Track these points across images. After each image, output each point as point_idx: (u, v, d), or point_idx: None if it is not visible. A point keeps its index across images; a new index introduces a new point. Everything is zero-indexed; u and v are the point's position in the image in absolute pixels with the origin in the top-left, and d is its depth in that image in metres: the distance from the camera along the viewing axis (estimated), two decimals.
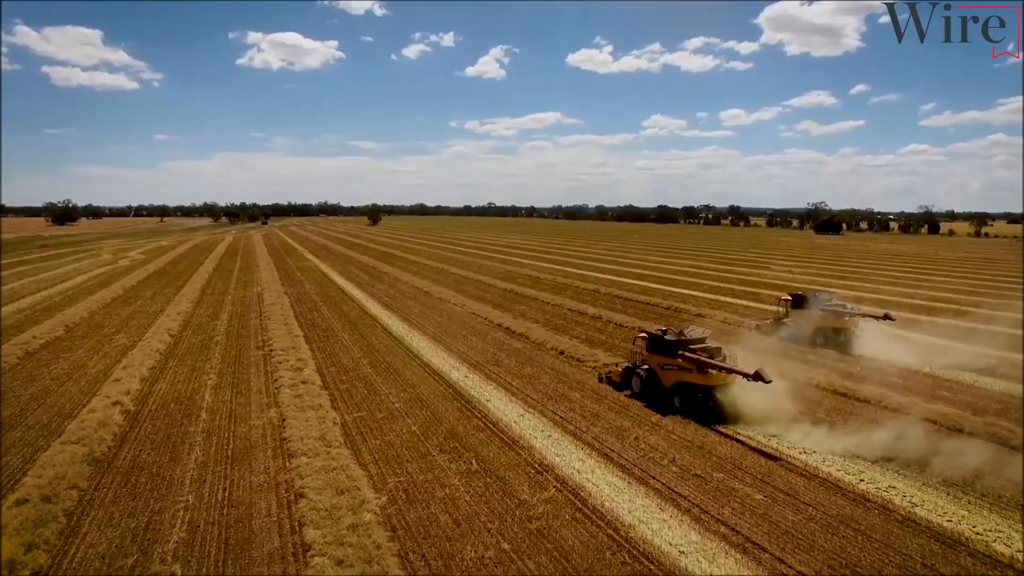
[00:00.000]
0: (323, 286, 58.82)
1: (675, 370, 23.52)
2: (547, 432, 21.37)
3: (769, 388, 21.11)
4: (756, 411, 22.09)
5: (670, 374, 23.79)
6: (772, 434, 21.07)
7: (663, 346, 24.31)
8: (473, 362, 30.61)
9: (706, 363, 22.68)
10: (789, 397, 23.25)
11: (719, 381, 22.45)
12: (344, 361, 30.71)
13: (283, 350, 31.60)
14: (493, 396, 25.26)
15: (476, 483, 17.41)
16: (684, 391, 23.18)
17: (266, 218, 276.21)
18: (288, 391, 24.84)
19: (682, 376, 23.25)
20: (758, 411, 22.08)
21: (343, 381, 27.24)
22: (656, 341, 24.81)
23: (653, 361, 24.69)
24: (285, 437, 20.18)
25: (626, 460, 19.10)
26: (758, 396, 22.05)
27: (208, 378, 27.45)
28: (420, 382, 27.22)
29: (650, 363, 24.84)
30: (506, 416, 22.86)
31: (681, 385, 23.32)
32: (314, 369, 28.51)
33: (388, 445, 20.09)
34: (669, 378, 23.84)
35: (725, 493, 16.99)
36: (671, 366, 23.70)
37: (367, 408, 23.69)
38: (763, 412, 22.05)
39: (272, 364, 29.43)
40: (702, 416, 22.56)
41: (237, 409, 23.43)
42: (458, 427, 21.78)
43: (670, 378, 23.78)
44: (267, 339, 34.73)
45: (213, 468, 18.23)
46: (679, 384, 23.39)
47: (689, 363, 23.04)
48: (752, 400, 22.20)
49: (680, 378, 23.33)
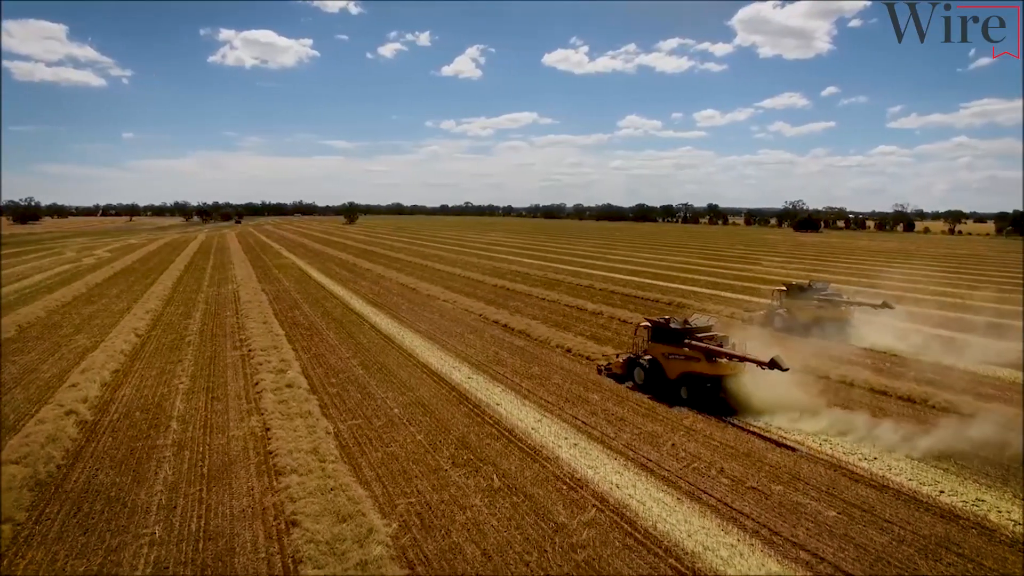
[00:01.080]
0: (303, 283, 55.56)
1: (681, 360, 22.18)
2: (571, 440, 18.78)
3: (784, 378, 19.94)
4: (769, 402, 20.64)
5: (675, 364, 22.41)
6: (817, 434, 18.82)
7: (668, 335, 22.93)
8: (475, 362, 27.92)
9: (715, 351, 21.37)
10: (805, 388, 21.53)
11: (729, 370, 21.23)
12: (332, 362, 27.79)
13: (263, 350, 28.57)
14: (503, 399, 22.61)
15: (502, 503, 14.74)
16: (691, 382, 21.85)
17: (239, 217, 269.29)
18: (271, 396, 21.91)
19: (689, 366, 21.91)
20: (771, 402, 20.62)
21: (332, 384, 24.36)
22: (660, 330, 23.41)
23: (656, 351, 23.28)
24: (271, 450, 17.30)
25: (668, 471, 16.60)
26: (771, 386, 20.69)
27: (180, 382, 24.36)
28: (419, 384, 24.46)
29: (653, 353, 23.43)
30: (522, 422, 20.23)
31: (688, 375, 21.99)
32: (299, 371, 25.57)
33: (392, 458, 17.31)
34: (674, 368, 22.44)
35: (791, 509, 14.57)
36: (677, 356, 22.34)
37: (362, 415, 20.88)
38: (778, 402, 20.57)
39: (252, 366, 26.41)
40: (719, 409, 21.01)
41: (213, 417, 20.44)
42: (469, 435, 19.08)
43: (675, 368, 22.40)
44: (245, 338, 31.62)
45: (185, 490, 15.27)
46: (685, 374, 22.07)
47: (696, 352, 21.69)
48: (764, 390, 20.81)
49: (687, 368, 21.98)
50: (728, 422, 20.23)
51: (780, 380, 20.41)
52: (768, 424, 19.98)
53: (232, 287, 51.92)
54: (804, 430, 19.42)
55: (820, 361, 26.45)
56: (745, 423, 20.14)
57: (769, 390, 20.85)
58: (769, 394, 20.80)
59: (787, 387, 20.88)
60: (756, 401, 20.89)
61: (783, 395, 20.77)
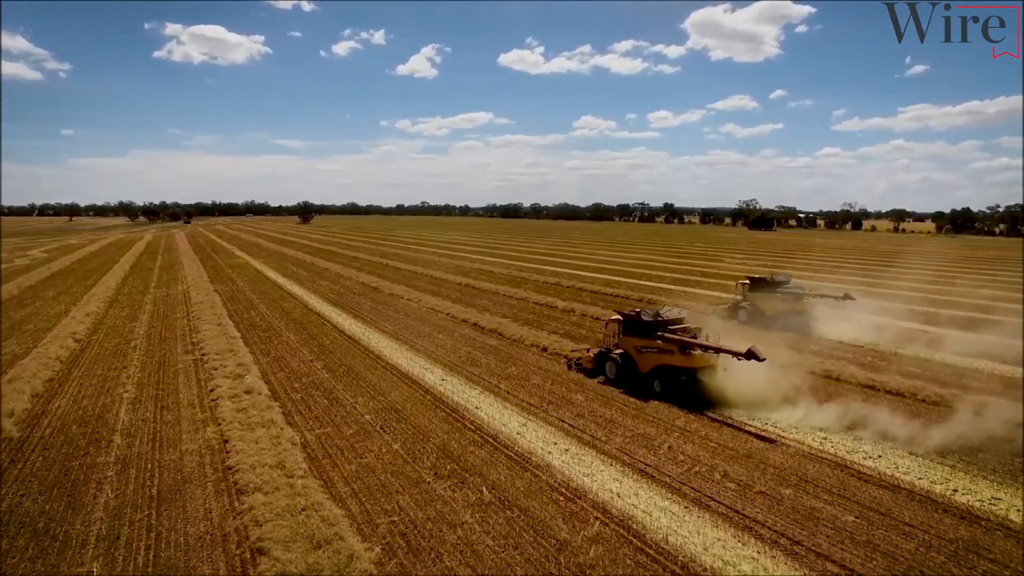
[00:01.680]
0: (258, 283, 52.84)
1: (654, 353, 21.69)
2: (562, 445, 17.43)
3: (758, 370, 19.72)
4: (750, 395, 20.24)
5: (648, 357, 21.90)
6: (817, 431, 17.96)
7: (639, 328, 22.39)
8: (447, 363, 26.34)
9: (689, 343, 20.94)
10: (780, 381, 21.00)
11: (703, 362, 20.85)
12: (294, 365, 25.81)
13: (218, 354, 26.38)
14: (482, 402, 21.12)
15: (495, 519, 13.28)
16: (665, 375, 21.35)
17: (189, 217, 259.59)
18: (229, 404, 19.91)
19: (662, 359, 21.44)
20: (753, 395, 20.22)
21: (296, 389, 22.45)
22: (631, 323, 22.87)
23: (628, 344, 22.76)
24: (231, 466, 15.42)
25: (670, 477, 15.41)
26: (747, 379, 20.30)
27: (124, 390, 22.06)
28: (390, 388, 22.76)
29: (625, 347, 22.93)
30: (506, 427, 18.78)
31: (661, 368, 21.50)
32: (258, 375, 23.56)
33: (367, 470, 15.64)
34: (647, 362, 21.94)
35: (807, 515, 13.53)
36: (649, 349, 21.87)
37: (331, 422, 19.10)
38: (758, 396, 20.18)
39: (206, 371, 24.24)
40: (695, 404, 20.47)
41: (163, 429, 18.36)
42: (451, 443, 17.53)
43: (648, 362, 21.90)
44: (198, 341, 29.28)
45: (131, 516, 13.31)
46: (659, 367, 21.57)
47: (670, 344, 21.22)
48: (740, 383, 20.43)
49: (660, 361, 21.50)
50: (723, 422, 19.22)
51: (755, 372, 20.01)
52: (754, 418, 19.27)
53: (182, 288, 48.93)
54: (803, 424, 18.67)
55: (790, 354, 25.87)
56: (740, 422, 19.18)
57: (745, 383, 20.37)
58: (746, 387, 20.33)
59: (762, 379, 20.43)
60: (733, 394, 20.38)
61: (761, 388, 20.33)
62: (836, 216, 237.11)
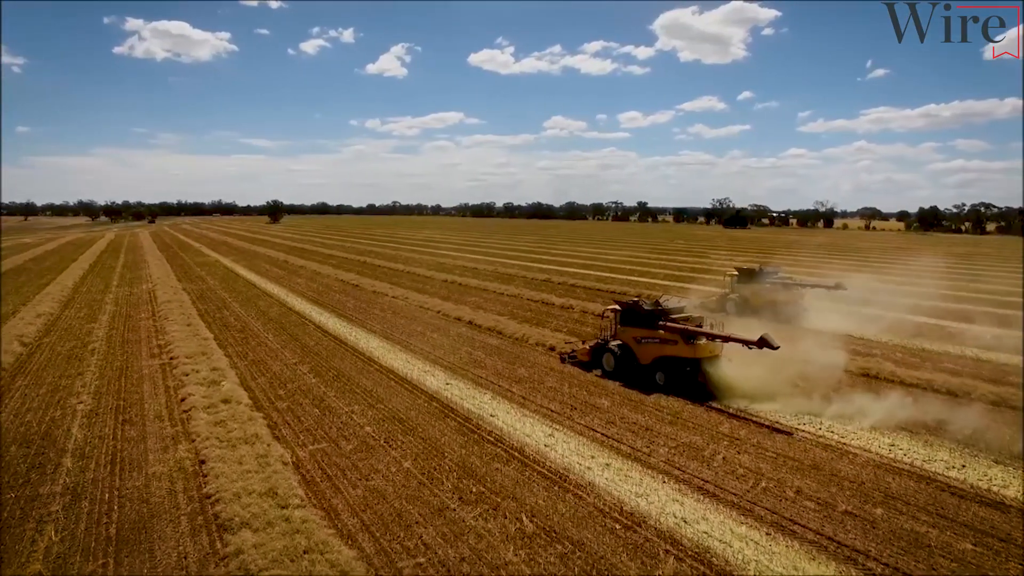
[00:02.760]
0: (230, 281, 49.39)
1: (655, 343, 20.59)
2: (600, 458, 14.99)
3: (765, 360, 18.95)
4: (754, 386, 19.16)
5: (649, 348, 20.82)
6: (869, 430, 15.83)
7: (639, 318, 21.32)
8: (448, 365, 23.73)
9: (695, 332, 19.95)
10: (786, 371, 19.84)
11: (709, 352, 19.90)
12: (276, 369, 22.93)
13: (189, 357, 23.36)
14: (497, 409, 18.57)
15: (546, 557, 10.75)
16: (668, 366, 20.28)
17: (153, 217, 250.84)
18: (204, 416, 17.03)
19: (664, 350, 20.36)
20: (756, 385, 19.16)
21: (281, 397, 19.63)
22: (630, 313, 21.75)
23: (627, 335, 21.70)
24: (210, 494, 12.63)
25: (735, 495, 13.07)
26: (753, 368, 19.43)
27: (78, 402, 18.98)
28: (389, 394, 20.07)
29: (623, 338, 21.86)
30: (531, 438, 16.27)
31: (663, 360, 20.40)
32: (236, 381, 20.68)
33: (377, 496, 12.98)
34: (648, 353, 20.85)
35: (913, 542, 11.29)
36: (650, 339, 20.77)
37: (326, 436, 16.36)
38: (765, 387, 19.08)
39: (176, 377, 21.25)
40: (699, 395, 19.44)
41: (125, 449, 15.42)
42: (471, 459, 14.96)
43: (649, 353, 20.82)
44: (166, 343, 26.17)
45: (81, 567, 10.46)
46: (661, 359, 20.47)
47: (673, 334, 20.18)
48: (745, 373, 19.48)
49: (662, 352, 20.41)
50: (773, 427, 17.02)
51: (761, 362, 19.21)
52: (803, 420, 17.24)
53: (147, 286, 45.32)
54: (854, 425, 16.64)
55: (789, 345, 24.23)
56: (791, 427, 16.99)
57: (754, 374, 19.39)
58: (753, 378, 19.32)
59: (770, 370, 19.45)
60: (741, 385, 19.25)
61: (768, 379, 19.30)
62: (809, 215, 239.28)
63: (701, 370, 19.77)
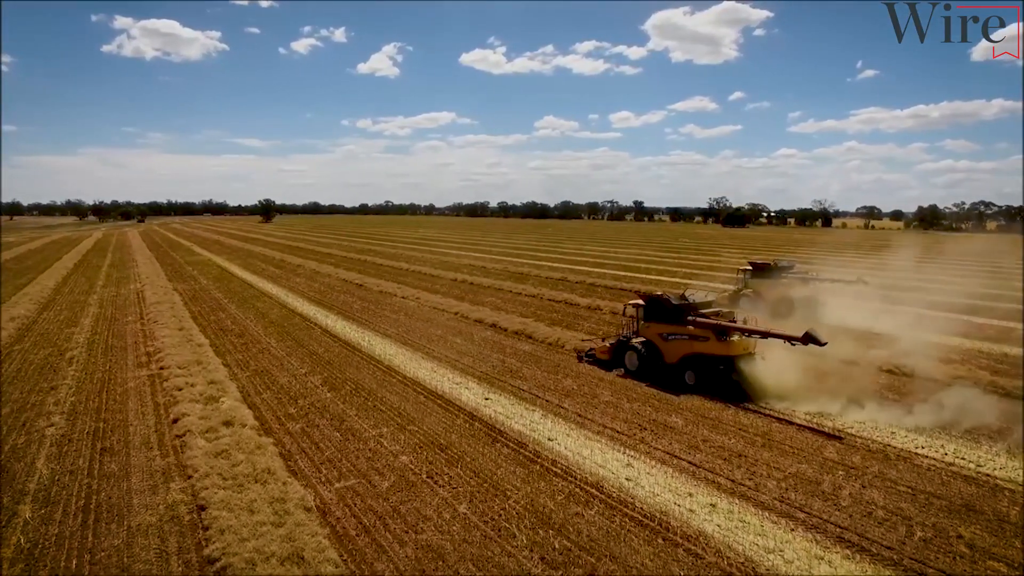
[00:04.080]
0: (224, 281, 46.11)
1: (684, 340, 19.18)
2: (699, 496, 12.03)
3: (801, 358, 18.06)
4: (790, 385, 17.73)
5: (676, 345, 19.40)
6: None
7: (665, 312, 19.91)
8: (482, 375, 20.73)
9: (729, 327, 18.47)
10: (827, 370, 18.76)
11: (743, 350, 18.49)
12: (283, 381, 19.84)
13: (182, 367, 20.23)
14: (555, 431, 15.56)
15: None
16: (698, 365, 18.84)
17: (142, 216, 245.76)
18: (202, 443, 13.94)
19: (693, 347, 18.96)
20: (792, 385, 17.73)
21: (292, 417, 16.54)
22: (656, 307, 20.35)
23: (651, 332, 20.30)
24: (213, 557, 9.54)
25: (891, 549, 10.14)
26: (790, 367, 18.08)
27: (48, 424, 15.81)
28: (420, 411, 17.03)
29: (647, 334, 20.46)
30: (605, 469, 13.28)
31: (693, 358, 18.98)
32: (238, 397, 17.59)
33: (434, 558, 9.93)
34: (675, 350, 19.46)
35: None
36: (678, 336, 19.36)
37: (354, 469, 13.30)
38: (808, 387, 17.70)
39: (166, 392, 18.11)
40: (734, 395, 17.86)
41: (103, 488, 12.31)
42: (541, 500, 11.93)
43: (677, 350, 19.40)
44: (155, 351, 23.00)
45: None
46: (690, 357, 19.05)
47: (704, 330, 18.69)
48: (780, 372, 17.97)
49: (691, 349, 19.02)
50: (886, 446, 14.10)
51: (796, 360, 18.20)
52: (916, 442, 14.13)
53: (135, 287, 41.99)
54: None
55: None
56: (883, 444, 14.09)
57: (789, 372, 18.01)
58: (793, 377, 17.92)
59: (807, 368, 18.36)
60: (778, 385, 17.74)
61: (810, 378, 18.07)
62: (807, 214, 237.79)
63: (735, 368, 18.23)
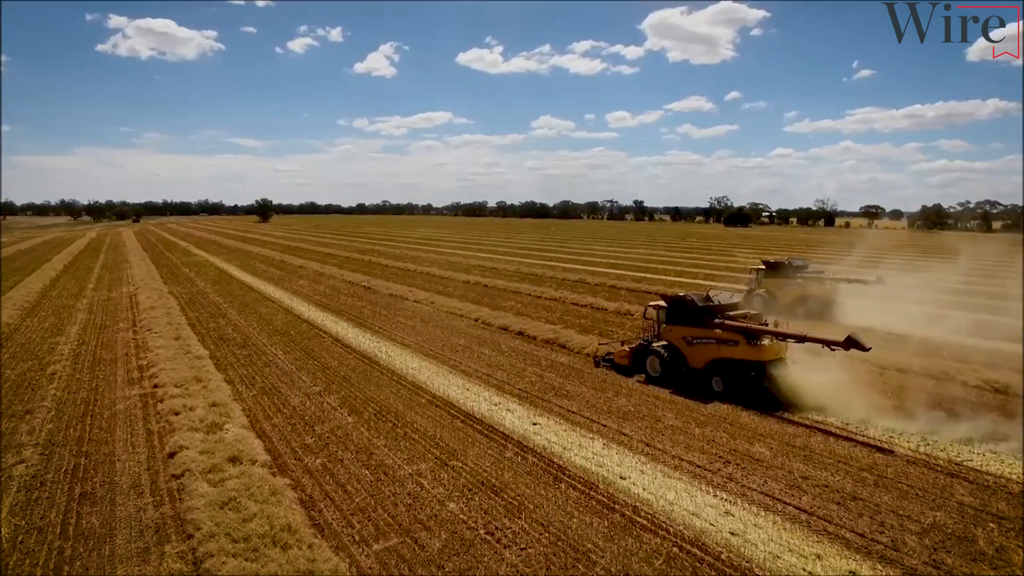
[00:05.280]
0: (223, 284, 43.48)
1: (710, 344, 18.12)
2: (830, 557, 9.61)
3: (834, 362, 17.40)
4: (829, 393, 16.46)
5: (702, 349, 18.38)
6: None
7: (690, 315, 18.85)
8: (521, 393, 18.26)
9: (761, 331, 17.38)
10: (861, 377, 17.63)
11: (774, 355, 17.45)
12: (295, 402, 17.31)
13: (179, 385, 17.68)
14: (624, 466, 13.08)
15: None
16: (727, 370, 17.80)
17: (138, 216, 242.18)
18: (204, 486, 11.39)
19: (721, 351, 17.90)
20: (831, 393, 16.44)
21: (310, 449, 14.02)
22: (679, 309, 19.25)
23: (674, 335, 19.29)
24: None
25: None
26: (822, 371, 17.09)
27: (18, 460, 13.23)
28: (460, 441, 14.54)
29: (669, 338, 19.48)
30: (700, 518, 10.80)
31: (720, 363, 17.96)
32: (245, 423, 15.06)
33: None
34: (700, 355, 18.44)
35: None
36: (703, 339, 18.31)
37: (393, 523, 10.78)
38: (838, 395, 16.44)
39: (161, 416, 15.56)
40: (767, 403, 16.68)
41: (79, 554, 9.75)
42: (637, 568, 9.44)
43: (702, 355, 18.40)
44: (148, 364, 20.45)
45: None
46: (717, 362, 18.04)
47: (733, 334, 17.64)
48: (814, 378, 16.83)
49: (718, 354, 17.96)
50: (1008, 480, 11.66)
51: (829, 365, 17.38)
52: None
53: (128, 290, 39.37)
54: None
55: None
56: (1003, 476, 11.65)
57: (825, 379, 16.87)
58: (830, 384, 16.72)
59: (843, 375, 17.26)
60: (815, 393, 16.50)
61: (847, 385, 16.87)
62: (809, 213, 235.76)
63: (767, 374, 17.19)
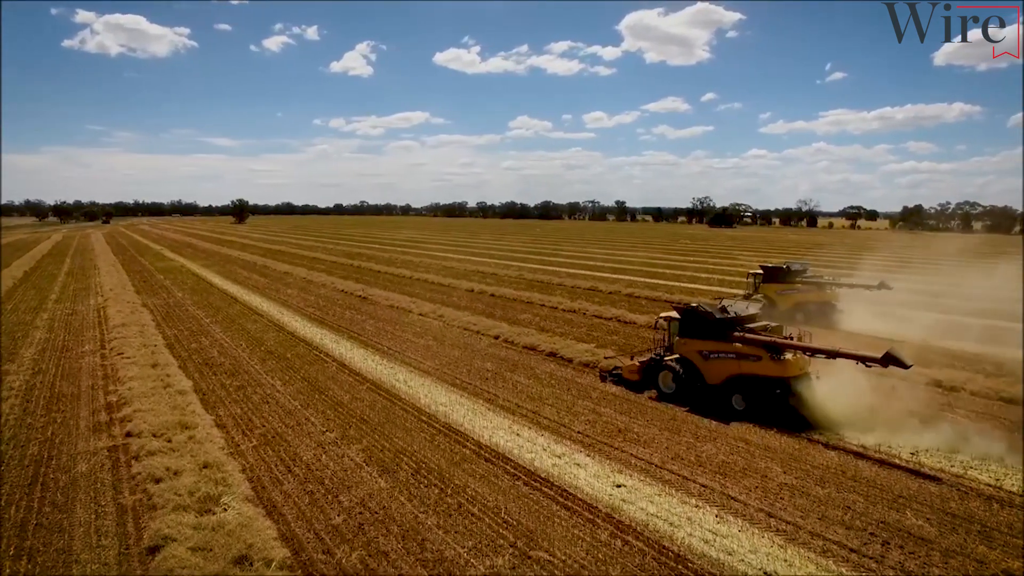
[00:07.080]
0: (203, 294, 39.48)
1: (729, 359, 17.06)
2: None
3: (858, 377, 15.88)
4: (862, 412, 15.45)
5: (719, 365, 17.27)
6: None
7: (706, 327, 17.70)
8: (583, 439, 15.07)
9: (786, 345, 16.42)
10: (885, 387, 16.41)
11: (799, 370, 16.47)
12: (307, 456, 13.84)
13: (160, 434, 14.08)
14: (762, 553, 9.86)
15: None
16: (748, 387, 16.70)
17: (108, 217, 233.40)
18: None
19: (741, 367, 16.84)
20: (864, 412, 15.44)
21: (340, 533, 10.60)
22: (694, 320, 18.13)
23: (689, 349, 18.10)
24: None
25: None
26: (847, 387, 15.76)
27: None
28: (532, 516, 11.23)
29: (683, 352, 18.28)
30: None
31: (740, 380, 16.86)
32: (248, 493, 11.60)
33: None
34: (718, 371, 17.31)
35: None
36: (721, 354, 17.21)
37: None
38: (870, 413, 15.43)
39: (136, 484, 11.94)
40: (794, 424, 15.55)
41: None
42: None
43: (720, 370, 17.28)
44: (119, 402, 16.76)
45: None
46: (737, 378, 16.93)
47: (755, 348, 16.61)
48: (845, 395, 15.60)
49: (739, 370, 16.91)
50: None
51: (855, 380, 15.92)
52: None
53: (96, 301, 35.29)
54: None
55: None
56: None
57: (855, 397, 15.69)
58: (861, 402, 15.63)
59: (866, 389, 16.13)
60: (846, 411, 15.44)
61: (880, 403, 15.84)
62: (791, 213, 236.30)
63: (792, 392, 16.07)
